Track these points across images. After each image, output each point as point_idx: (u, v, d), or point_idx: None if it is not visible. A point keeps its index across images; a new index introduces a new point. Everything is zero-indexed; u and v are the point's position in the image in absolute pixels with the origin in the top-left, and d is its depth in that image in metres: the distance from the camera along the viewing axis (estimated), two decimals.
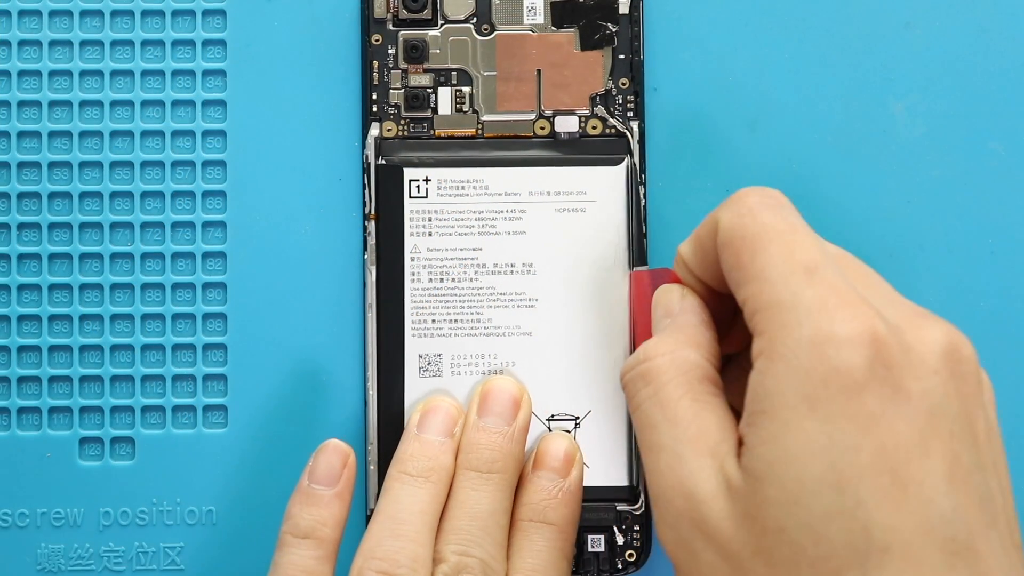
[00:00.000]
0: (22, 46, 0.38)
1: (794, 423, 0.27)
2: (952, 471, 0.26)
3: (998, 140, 0.39)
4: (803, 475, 0.26)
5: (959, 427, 0.27)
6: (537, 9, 0.38)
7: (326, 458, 0.34)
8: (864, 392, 0.26)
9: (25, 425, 0.38)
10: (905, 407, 0.26)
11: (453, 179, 0.37)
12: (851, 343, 0.27)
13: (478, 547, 0.33)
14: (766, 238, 0.29)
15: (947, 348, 0.27)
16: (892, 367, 0.27)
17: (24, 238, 0.38)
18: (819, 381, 0.27)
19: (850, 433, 0.26)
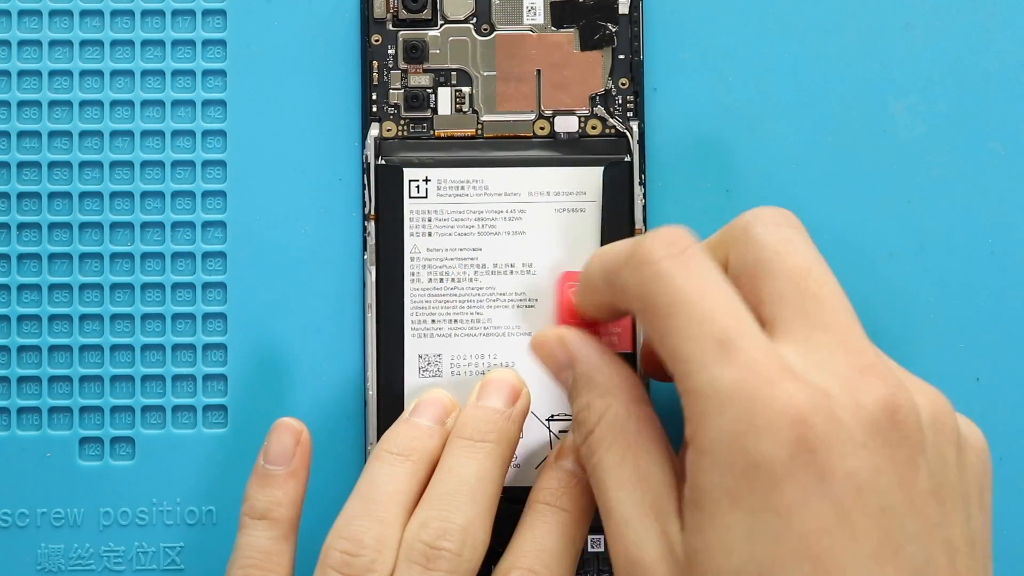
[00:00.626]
0: (22, 46, 0.38)
1: (718, 516, 0.26)
2: (880, 548, 0.25)
3: (998, 140, 0.39)
4: (725, 567, 0.26)
5: (891, 499, 0.26)
6: (537, 9, 0.38)
7: (278, 437, 0.34)
8: (785, 482, 0.25)
9: (25, 425, 0.38)
10: (829, 490, 0.25)
11: (453, 179, 0.37)
12: (770, 431, 0.26)
13: (460, 513, 0.32)
14: (674, 309, 0.27)
15: (880, 415, 0.26)
16: (816, 450, 0.26)
17: (24, 238, 0.38)
18: (740, 475, 0.26)
19: (771, 524, 0.26)
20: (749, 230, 0.30)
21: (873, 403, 0.26)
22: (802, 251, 0.29)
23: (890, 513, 0.26)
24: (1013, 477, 0.38)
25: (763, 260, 0.29)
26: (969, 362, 0.38)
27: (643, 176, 0.37)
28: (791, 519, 0.25)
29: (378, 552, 0.32)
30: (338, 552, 0.32)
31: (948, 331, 0.38)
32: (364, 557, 0.32)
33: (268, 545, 0.33)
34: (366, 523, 0.32)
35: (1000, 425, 0.38)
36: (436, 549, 0.32)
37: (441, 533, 0.32)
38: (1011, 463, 0.38)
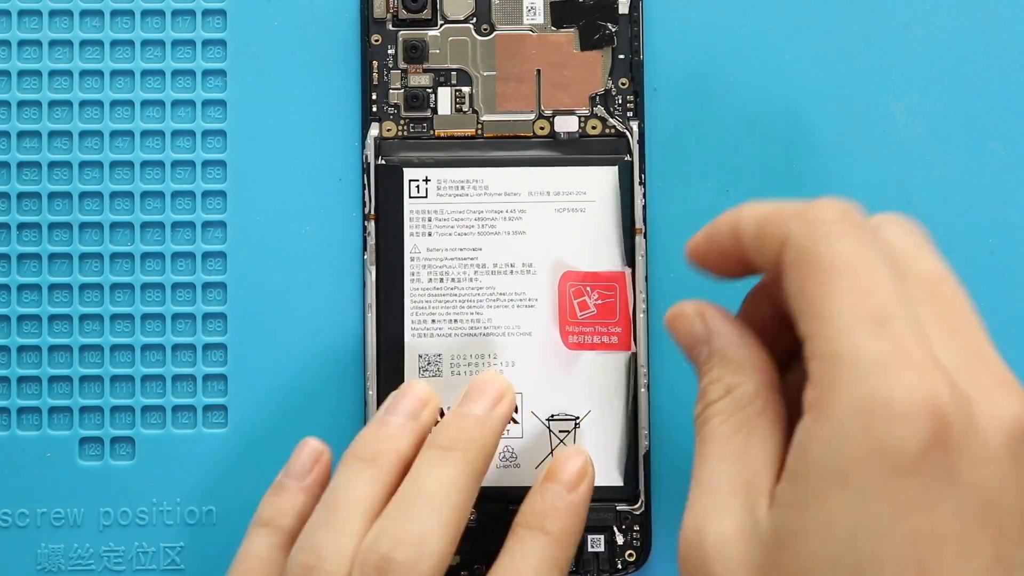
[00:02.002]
0: (22, 46, 0.38)
1: (825, 496, 0.24)
2: (990, 569, 0.24)
3: (998, 140, 0.39)
4: (821, 553, 0.24)
5: (1012, 521, 0.24)
6: (537, 9, 0.38)
7: (299, 455, 0.35)
8: (910, 475, 0.24)
9: (25, 425, 0.38)
10: (953, 497, 0.24)
11: (453, 179, 0.37)
12: (906, 417, 0.24)
13: (417, 523, 0.31)
14: (838, 272, 0.26)
15: (1014, 430, 0.25)
16: (949, 450, 0.24)
17: (24, 238, 0.38)
18: (863, 455, 0.24)
19: (882, 517, 0.24)
20: (880, 231, 0.28)
21: (1010, 417, 0.25)
22: (935, 259, 0.28)
23: (1006, 536, 0.24)
24: None
25: (896, 260, 0.27)
26: None
27: (643, 176, 0.37)
28: (907, 516, 0.24)
29: (336, 563, 0.31)
30: (298, 566, 0.31)
31: None
32: (322, 570, 0.31)
33: (266, 552, 0.33)
34: (325, 533, 0.32)
35: None
36: (389, 562, 0.31)
37: (395, 544, 0.31)
38: None
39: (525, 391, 0.37)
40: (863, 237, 0.26)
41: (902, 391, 0.24)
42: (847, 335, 0.25)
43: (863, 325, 0.25)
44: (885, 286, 0.25)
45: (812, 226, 0.27)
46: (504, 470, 0.37)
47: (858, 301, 0.25)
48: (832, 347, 0.25)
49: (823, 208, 0.27)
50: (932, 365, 0.24)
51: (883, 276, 0.26)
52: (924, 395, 0.24)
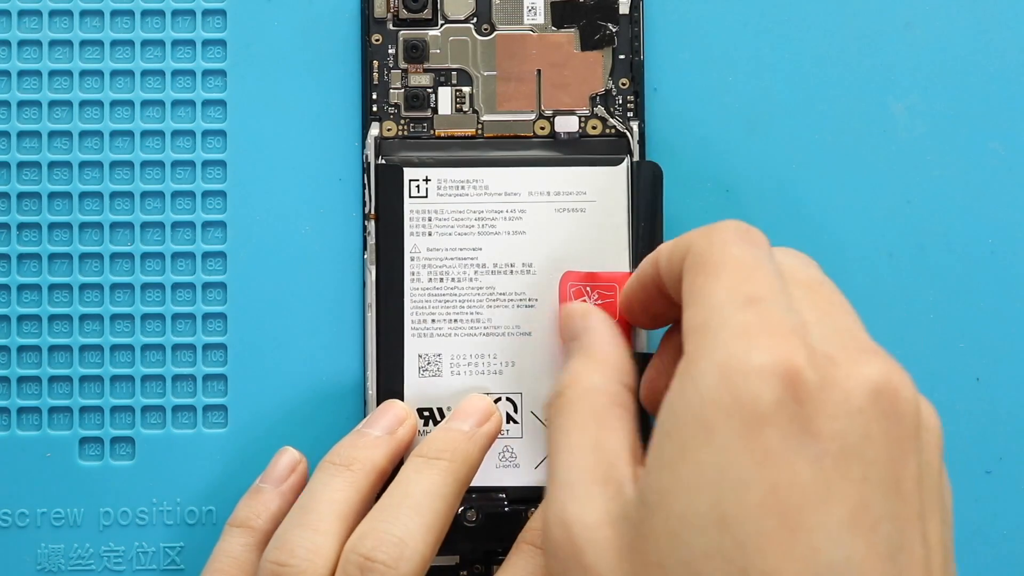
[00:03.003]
0: (22, 46, 0.38)
1: (689, 451, 0.25)
2: (854, 519, 0.24)
3: (998, 140, 0.39)
4: (689, 508, 0.25)
5: (877, 472, 0.25)
6: (537, 9, 0.38)
7: (277, 462, 0.36)
8: (766, 426, 0.25)
9: (25, 425, 0.38)
10: (811, 447, 0.25)
11: (453, 179, 0.37)
12: (762, 373, 0.25)
13: (400, 525, 0.32)
14: (724, 268, 0.28)
15: (880, 386, 0.25)
16: (804, 403, 0.25)
17: (24, 238, 0.38)
18: (722, 409, 0.25)
19: (744, 469, 0.24)
20: (773, 253, 0.29)
21: (877, 375, 0.26)
22: (818, 271, 0.29)
23: (872, 486, 0.25)
24: (1013, 477, 0.38)
25: (782, 270, 0.28)
26: (969, 362, 0.38)
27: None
28: (766, 467, 0.24)
29: (309, 561, 0.32)
30: (270, 563, 0.32)
31: (948, 331, 0.38)
32: (294, 567, 0.32)
33: (238, 551, 0.34)
34: (298, 532, 0.32)
35: (1000, 425, 0.38)
36: (371, 561, 0.31)
37: (377, 545, 0.31)
38: (1011, 463, 0.38)
39: (525, 391, 0.37)
40: (753, 245, 0.28)
41: (759, 352, 0.25)
42: (718, 310, 0.26)
43: (735, 303, 0.26)
44: (763, 278, 0.27)
45: (709, 237, 0.28)
46: (504, 470, 0.37)
47: (735, 287, 0.27)
48: (703, 320, 0.27)
49: (722, 225, 0.29)
50: (792, 333, 0.26)
51: (763, 271, 0.27)
52: (780, 355, 0.25)
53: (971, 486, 0.38)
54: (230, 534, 0.34)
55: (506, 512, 0.37)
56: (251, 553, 0.34)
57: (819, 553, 0.24)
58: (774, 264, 0.28)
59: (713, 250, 0.28)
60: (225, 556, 0.34)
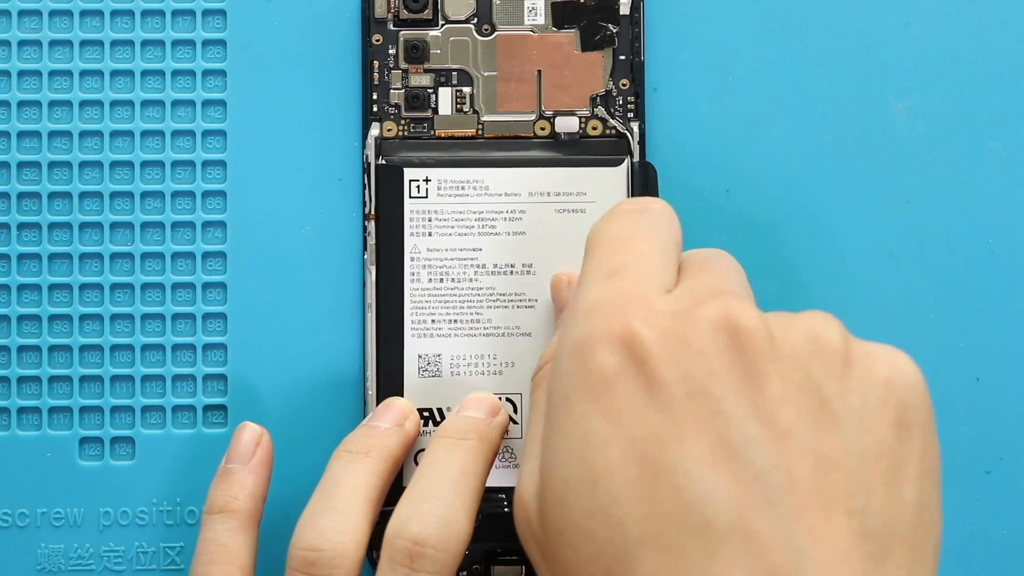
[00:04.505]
0: (22, 46, 0.38)
1: (558, 425, 0.27)
2: (714, 452, 0.25)
3: (998, 140, 0.39)
4: (566, 476, 0.27)
5: (730, 404, 0.26)
6: (538, 10, 0.38)
7: (239, 439, 0.35)
8: (615, 388, 0.26)
9: (25, 425, 0.38)
10: (657, 397, 0.26)
11: (453, 179, 0.37)
12: (602, 342, 0.27)
13: (444, 505, 0.32)
14: (600, 244, 0.29)
15: (718, 323, 0.27)
16: (644, 360, 0.26)
17: (24, 238, 0.38)
18: (575, 381, 0.27)
19: (601, 430, 0.26)
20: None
21: (713, 314, 0.27)
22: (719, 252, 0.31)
23: (727, 417, 0.26)
24: (1013, 477, 0.38)
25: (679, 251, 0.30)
26: (969, 362, 0.38)
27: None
28: (620, 423, 0.26)
29: (343, 544, 0.31)
30: (300, 551, 0.31)
31: (948, 331, 0.38)
32: (327, 551, 0.31)
33: (226, 538, 0.33)
34: (327, 516, 0.32)
35: (1000, 425, 0.38)
36: (421, 545, 0.31)
37: (425, 525, 0.31)
38: (1011, 463, 0.38)
39: (525, 392, 0.37)
40: (640, 218, 0.30)
41: (599, 323, 0.27)
42: (583, 288, 0.28)
43: (599, 279, 0.28)
44: (631, 247, 0.29)
45: (605, 214, 0.31)
46: (504, 470, 0.37)
47: (604, 261, 0.29)
48: (572, 299, 0.29)
49: (620, 202, 0.31)
50: (636, 298, 0.27)
51: (633, 239, 0.29)
52: (618, 322, 0.27)
53: (971, 486, 0.38)
54: (211, 522, 0.34)
55: (506, 512, 0.37)
56: (238, 536, 0.33)
57: (683, 491, 0.25)
58: (658, 231, 0.29)
59: (593, 231, 0.30)
60: (212, 545, 0.33)
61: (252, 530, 0.34)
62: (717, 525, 0.25)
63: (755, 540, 0.25)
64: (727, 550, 0.25)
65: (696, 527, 0.25)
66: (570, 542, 0.26)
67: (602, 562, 0.26)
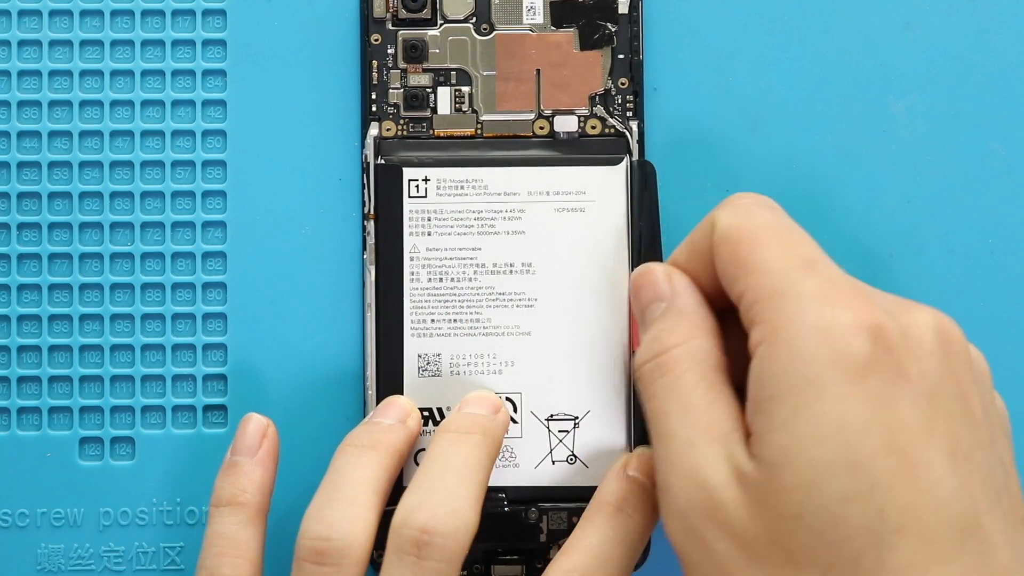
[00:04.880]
0: (22, 46, 0.38)
1: (804, 407, 0.27)
2: (954, 451, 0.27)
3: (998, 140, 0.39)
4: (817, 459, 0.26)
5: (957, 407, 0.27)
6: (536, 9, 0.38)
7: (244, 430, 0.35)
8: (869, 375, 0.27)
9: (25, 425, 0.38)
10: (907, 390, 0.27)
11: (452, 179, 0.37)
12: (853, 328, 0.27)
13: (450, 496, 0.32)
14: (765, 234, 0.30)
15: (937, 330, 0.28)
16: (893, 351, 0.27)
17: (24, 238, 0.38)
18: (826, 365, 0.27)
19: (860, 415, 0.26)
20: None
21: (932, 319, 0.28)
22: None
23: (956, 420, 0.27)
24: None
25: None
26: None
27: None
28: (879, 410, 0.26)
29: (353, 535, 0.31)
30: (309, 542, 0.31)
31: None
32: (337, 541, 0.31)
33: (235, 531, 0.33)
34: (336, 507, 0.32)
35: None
36: (428, 534, 0.31)
37: (432, 515, 0.31)
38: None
39: (524, 391, 0.37)
40: (778, 211, 0.30)
41: (843, 310, 0.27)
42: (784, 276, 0.28)
43: (796, 268, 0.28)
44: (807, 239, 0.29)
45: (734, 208, 0.30)
46: (503, 470, 0.37)
47: (786, 251, 0.29)
48: (773, 288, 0.28)
49: (740, 196, 0.31)
50: (860, 292, 0.28)
51: (800, 233, 0.30)
52: (864, 311, 0.27)
53: None
54: (218, 514, 0.33)
55: (506, 512, 0.37)
56: (246, 530, 0.33)
57: (940, 483, 0.26)
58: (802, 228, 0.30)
59: (743, 221, 0.30)
60: (220, 538, 0.33)
61: (260, 523, 0.34)
62: (966, 519, 0.26)
63: (988, 537, 0.26)
64: (972, 543, 0.26)
65: (951, 519, 0.26)
66: (810, 526, 0.26)
67: (851, 547, 0.26)
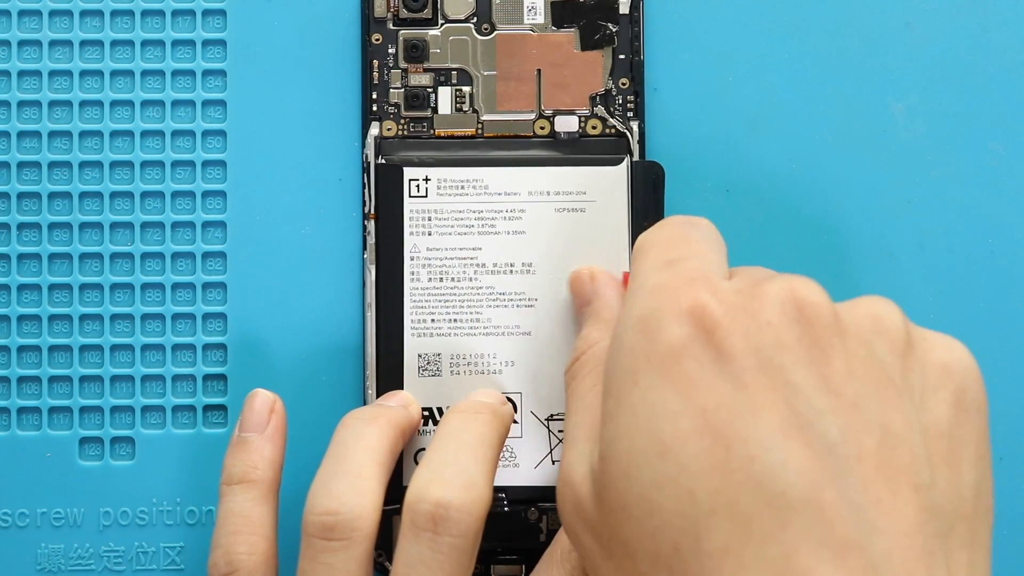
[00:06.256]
0: (22, 46, 0.38)
1: (622, 398, 0.27)
2: (785, 422, 0.25)
3: (998, 140, 0.39)
4: (632, 448, 0.26)
5: (799, 375, 0.26)
6: (537, 9, 0.38)
7: (251, 406, 0.34)
8: (683, 359, 0.26)
9: (25, 425, 0.38)
10: (728, 368, 0.26)
11: (453, 178, 0.37)
12: (671, 316, 0.27)
13: (464, 468, 0.32)
14: (655, 245, 0.30)
15: (787, 298, 0.27)
16: (714, 331, 0.26)
17: (24, 238, 0.38)
18: (641, 354, 0.27)
19: (670, 401, 0.26)
20: None
21: (779, 289, 0.27)
22: None
23: (796, 389, 0.26)
24: (1013, 477, 0.38)
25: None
26: None
27: None
28: (690, 394, 0.26)
29: (361, 507, 0.31)
30: (317, 517, 0.31)
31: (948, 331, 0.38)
32: (345, 515, 0.31)
33: (248, 508, 0.33)
34: (342, 480, 0.32)
35: (1000, 425, 0.38)
36: (444, 508, 0.30)
37: (447, 488, 0.31)
38: (1011, 463, 0.38)
39: (524, 391, 0.37)
40: (690, 228, 0.30)
41: (667, 298, 0.27)
42: (641, 277, 0.29)
43: (657, 268, 0.29)
44: (685, 245, 0.29)
45: (648, 230, 0.31)
46: (504, 470, 0.37)
47: (661, 255, 0.29)
48: (629, 288, 0.29)
49: (668, 217, 0.32)
50: (700, 277, 0.28)
51: (688, 240, 0.30)
52: (686, 297, 0.27)
53: None
54: (231, 493, 0.33)
55: (506, 512, 0.37)
56: (259, 506, 0.33)
57: (756, 461, 0.25)
58: (708, 238, 0.30)
59: (647, 237, 0.30)
60: (234, 516, 0.33)
61: (273, 499, 0.33)
62: (791, 495, 0.25)
63: (827, 511, 0.25)
64: (800, 520, 0.25)
65: (770, 497, 0.25)
66: (634, 516, 0.26)
67: (668, 534, 0.26)
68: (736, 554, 0.25)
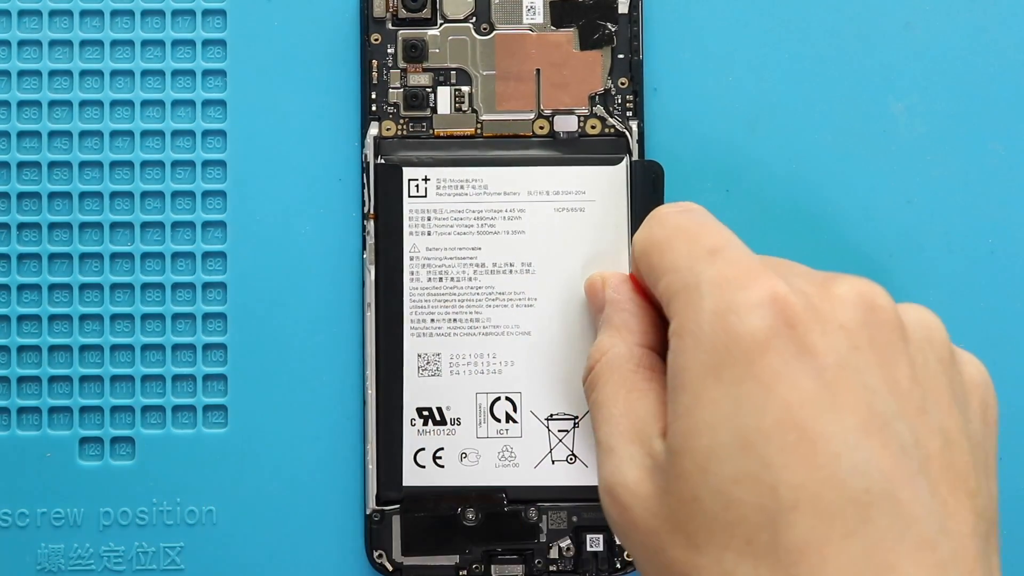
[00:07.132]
0: (22, 46, 0.38)
1: (702, 393, 0.27)
2: (865, 422, 0.26)
3: (998, 140, 0.39)
4: (712, 443, 0.26)
5: (872, 377, 0.27)
6: (536, 9, 0.38)
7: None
8: (766, 353, 0.26)
9: (25, 425, 0.38)
10: (810, 363, 0.26)
11: (452, 178, 0.37)
12: (750, 308, 0.27)
13: None
14: (673, 236, 0.29)
15: (857, 300, 0.27)
16: (795, 325, 0.26)
17: (24, 238, 0.38)
18: (722, 349, 0.27)
19: (754, 395, 0.26)
20: None
21: (848, 291, 0.27)
22: None
23: (872, 390, 0.26)
24: (1013, 477, 0.38)
25: None
26: None
27: None
28: (774, 389, 0.26)
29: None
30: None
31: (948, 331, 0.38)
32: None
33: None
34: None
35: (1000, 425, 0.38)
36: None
37: None
38: (1011, 463, 0.38)
39: (524, 391, 0.37)
40: (693, 213, 0.30)
41: (742, 289, 0.27)
42: (687, 270, 0.28)
43: (700, 259, 0.28)
44: (715, 230, 0.29)
45: (648, 222, 0.31)
46: (504, 470, 0.37)
47: (690, 247, 0.29)
48: (680, 282, 0.28)
49: (657, 209, 0.31)
50: (764, 271, 0.27)
51: (713, 226, 0.29)
52: (763, 287, 0.27)
53: None
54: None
55: (506, 512, 0.37)
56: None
57: (840, 458, 0.25)
58: (715, 221, 0.30)
59: (654, 231, 0.30)
60: None
61: None
62: (873, 492, 0.25)
63: (905, 509, 0.25)
64: (881, 517, 0.25)
65: (853, 493, 0.25)
66: (707, 509, 0.26)
67: (744, 529, 0.26)
68: (818, 549, 0.25)
